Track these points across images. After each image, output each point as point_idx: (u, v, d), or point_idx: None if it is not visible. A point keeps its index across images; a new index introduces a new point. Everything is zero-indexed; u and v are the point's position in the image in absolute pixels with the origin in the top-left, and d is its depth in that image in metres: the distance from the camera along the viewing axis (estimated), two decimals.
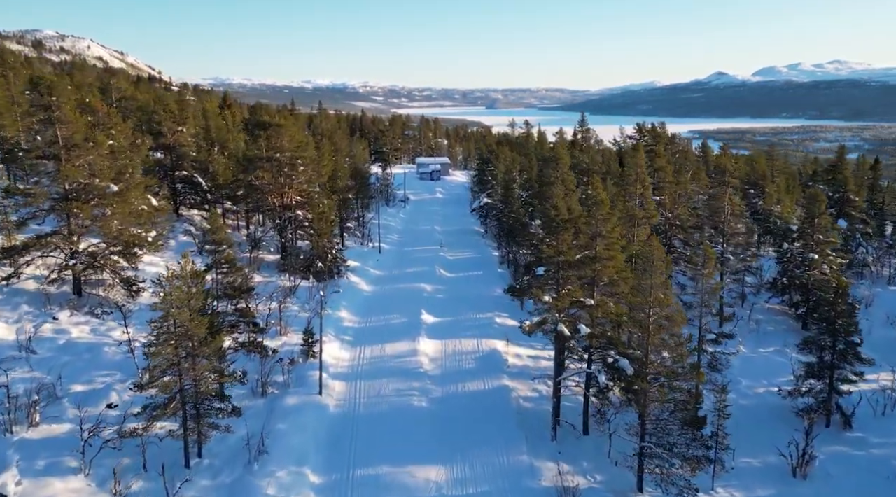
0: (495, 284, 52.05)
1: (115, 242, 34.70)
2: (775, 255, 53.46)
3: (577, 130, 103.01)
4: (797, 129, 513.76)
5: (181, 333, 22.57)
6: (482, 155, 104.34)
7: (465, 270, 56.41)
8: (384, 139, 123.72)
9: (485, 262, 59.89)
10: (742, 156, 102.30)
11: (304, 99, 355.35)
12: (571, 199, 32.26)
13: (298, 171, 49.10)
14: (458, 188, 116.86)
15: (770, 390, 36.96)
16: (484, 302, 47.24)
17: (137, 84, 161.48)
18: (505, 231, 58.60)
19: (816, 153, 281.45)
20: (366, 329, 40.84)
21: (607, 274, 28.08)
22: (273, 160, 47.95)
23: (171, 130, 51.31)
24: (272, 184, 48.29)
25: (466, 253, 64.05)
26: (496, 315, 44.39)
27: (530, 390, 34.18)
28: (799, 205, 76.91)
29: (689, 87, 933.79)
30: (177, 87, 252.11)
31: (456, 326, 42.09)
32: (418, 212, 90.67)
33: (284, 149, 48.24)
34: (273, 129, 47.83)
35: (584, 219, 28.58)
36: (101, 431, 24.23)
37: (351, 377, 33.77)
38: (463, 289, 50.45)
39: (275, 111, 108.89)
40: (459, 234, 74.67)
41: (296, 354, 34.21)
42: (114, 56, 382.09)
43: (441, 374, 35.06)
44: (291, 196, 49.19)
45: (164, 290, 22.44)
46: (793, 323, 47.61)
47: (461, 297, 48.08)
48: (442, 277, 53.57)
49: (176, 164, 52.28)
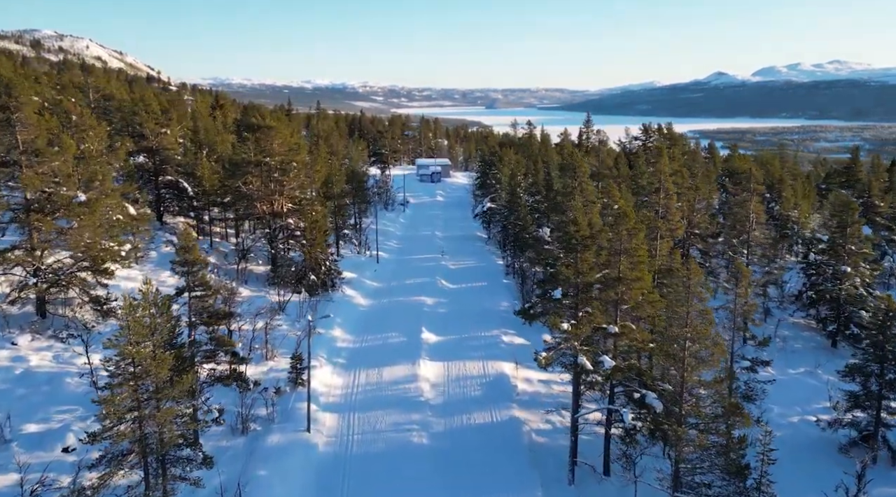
0: (501, 297, 48.74)
1: (84, 257, 31.30)
2: (799, 264, 50.05)
3: (583, 130, 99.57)
4: (797, 129, 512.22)
5: (141, 374, 19.20)
6: (484, 157, 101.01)
7: (468, 281, 53.06)
8: (383, 140, 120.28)
9: (489, 271, 56.53)
10: (752, 157, 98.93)
11: (303, 99, 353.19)
12: (592, 211, 28.89)
13: (290, 176, 45.76)
14: (458, 190, 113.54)
15: (806, 419, 33.60)
16: (489, 317, 43.91)
17: (131, 84, 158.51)
18: (510, 239, 55.31)
19: (817, 153, 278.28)
20: (361, 349, 37.49)
21: (633, 297, 24.74)
22: (262, 165, 44.61)
23: (153, 133, 47.94)
24: (261, 190, 44.94)
25: (469, 261, 60.70)
26: (503, 332, 41.07)
27: (543, 422, 30.83)
28: (815, 209, 73.69)
29: (688, 87, 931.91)
30: (175, 86, 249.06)
31: (459, 346, 38.75)
32: (418, 216, 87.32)
33: (275, 152, 44.90)
34: (262, 132, 44.48)
35: (606, 234, 25.26)
36: (52, 484, 20.88)
37: (344, 408, 30.40)
38: (466, 302, 47.10)
39: (268, 112, 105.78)
40: (461, 240, 71.33)
41: (282, 383, 30.86)
42: (113, 56, 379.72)
43: (444, 402, 31.71)
44: (282, 203, 45.85)
45: (121, 323, 19.10)
46: (821, 340, 44.29)
47: (464, 312, 44.73)
48: (443, 289, 50.23)
49: (159, 168, 48.92)
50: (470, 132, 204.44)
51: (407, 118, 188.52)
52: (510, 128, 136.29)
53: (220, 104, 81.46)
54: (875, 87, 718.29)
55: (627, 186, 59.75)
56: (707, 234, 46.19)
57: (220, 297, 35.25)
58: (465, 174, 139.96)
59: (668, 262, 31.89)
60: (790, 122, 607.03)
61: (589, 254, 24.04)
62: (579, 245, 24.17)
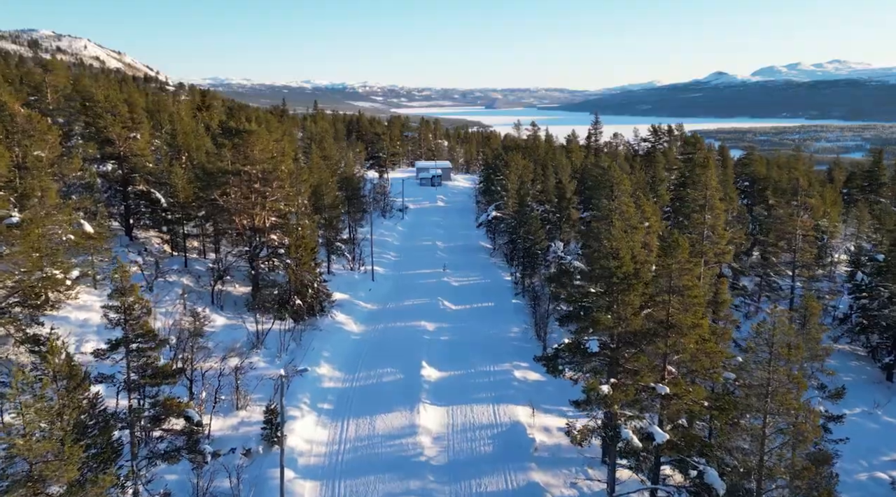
0: (510, 320, 43.55)
1: (16, 289, 26.11)
2: (845, 285, 44.85)
3: (591, 131, 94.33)
4: (798, 129, 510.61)
5: (38, 477, 14.04)
6: (487, 160, 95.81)
7: (473, 301, 47.85)
8: (381, 143, 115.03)
9: (495, 289, 51.29)
10: (767, 160, 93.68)
11: (303, 99, 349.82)
12: (633, 239, 23.60)
13: (273, 186, 40.53)
14: (460, 195, 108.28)
15: (876, 477, 28.52)
16: (498, 346, 38.77)
17: (122, 84, 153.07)
18: (520, 253, 50.17)
19: (819, 153, 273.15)
20: (351, 391, 32.26)
21: (688, 348, 19.56)
22: (241, 174, 39.40)
23: (120, 137, 42.72)
24: (240, 202, 39.73)
25: (473, 277, 55.48)
26: (514, 366, 35.88)
27: (567, 486, 25.60)
28: (843, 218, 68.49)
29: (688, 86, 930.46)
30: (173, 86, 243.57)
31: (465, 384, 33.54)
32: (418, 224, 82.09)
33: (256, 160, 39.68)
34: (242, 137, 39.26)
35: (648, 270, 20.10)
36: None
37: (328, 473, 25.18)
38: (472, 327, 41.90)
39: (263, 113, 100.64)
40: (464, 251, 66.13)
41: (254, 442, 25.69)
42: (111, 56, 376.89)
43: (448, 462, 26.51)
44: (265, 217, 40.65)
45: (9, 407, 13.98)
46: (874, 372, 39.14)
47: (470, 340, 39.57)
48: (446, 311, 45.03)
49: (128, 177, 43.70)
50: (471, 133, 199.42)
51: (406, 119, 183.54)
52: (513, 129, 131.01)
53: (207, 105, 76.19)
54: (875, 86, 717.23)
55: (644, 195, 54.66)
56: (741, 251, 41.00)
57: (186, 331, 30.32)
58: (467, 177, 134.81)
59: (714, 293, 26.70)
60: (790, 121, 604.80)
61: (633, 295, 18.86)
62: (621, 284, 18.98)
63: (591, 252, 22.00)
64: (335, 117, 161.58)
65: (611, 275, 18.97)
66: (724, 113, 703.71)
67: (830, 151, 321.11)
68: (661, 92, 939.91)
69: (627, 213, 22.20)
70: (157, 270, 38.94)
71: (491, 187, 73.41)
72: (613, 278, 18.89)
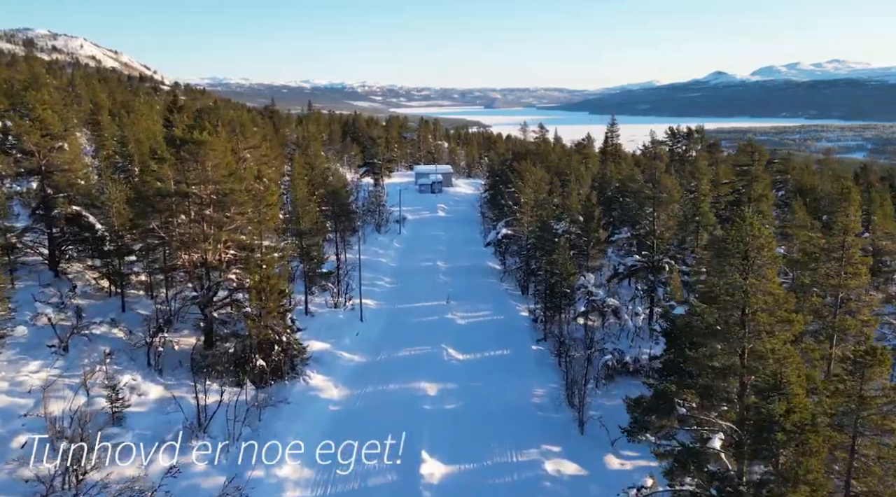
0: (532, 377, 34.69)
1: None
2: None
3: (608, 133, 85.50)
4: (798, 129, 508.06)
5: None
6: (493, 166, 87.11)
7: (485, 347, 38.94)
8: (376, 148, 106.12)
9: (511, 328, 42.40)
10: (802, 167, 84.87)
11: (302, 98, 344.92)
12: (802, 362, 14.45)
13: (231, 211, 31.68)
14: (462, 203, 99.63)
15: None
16: (520, 418, 29.96)
17: (105, 82, 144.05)
18: (540, 286, 41.43)
19: (820, 153, 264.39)
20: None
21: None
22: (189, 197, 30.56)
23: (41, 147, 33.85)
24: (187, 233, 30.88)
25: (483, 310, 46.63)
26: (544, 453, 27.05)
27: None
28: None
29: (687, 86, 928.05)
30: (168, 86, 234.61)
31: (480, 488, 24.69)
32: (417, 238, 73.39)
33: (208, 179, 30.83)
34: (190, 149, 30.37)
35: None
36: None
37: None
38: (485, 389, 32.99)
39: (244, 114, 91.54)
40: (470, 273, 57.40)
41: None
42: (107, 55, 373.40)
43: None
44: (221, 251, 31.80)
45: None
46: None
47: (483, 410, 30.66)
48: (451, 364, 36.18)
49: (51, 198, 34.85)
50: (472, 134, 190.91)
51: (405, 119, 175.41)
52: (519, 131, 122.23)
53: (180, 106, 67.09)
54: (874, 86, 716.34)
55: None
56: None
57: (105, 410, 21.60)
58: (469, 182, 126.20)
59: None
60: (790, 121, 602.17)
61: (815, 460, 10.05)
62: (790, 439, 10.16)
63: (728, 388, 12.99)
64: (331, 118, 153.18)
65: (770, 422, 10.27)
66: (724, 113, 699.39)
67: (833, 152, 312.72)
68: (661, 92, 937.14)
69: (775, 295, 13.65)
70: (78, 322, 30.09)
71: (499, 200, 64.65)
72: (776, 432, 10.19)
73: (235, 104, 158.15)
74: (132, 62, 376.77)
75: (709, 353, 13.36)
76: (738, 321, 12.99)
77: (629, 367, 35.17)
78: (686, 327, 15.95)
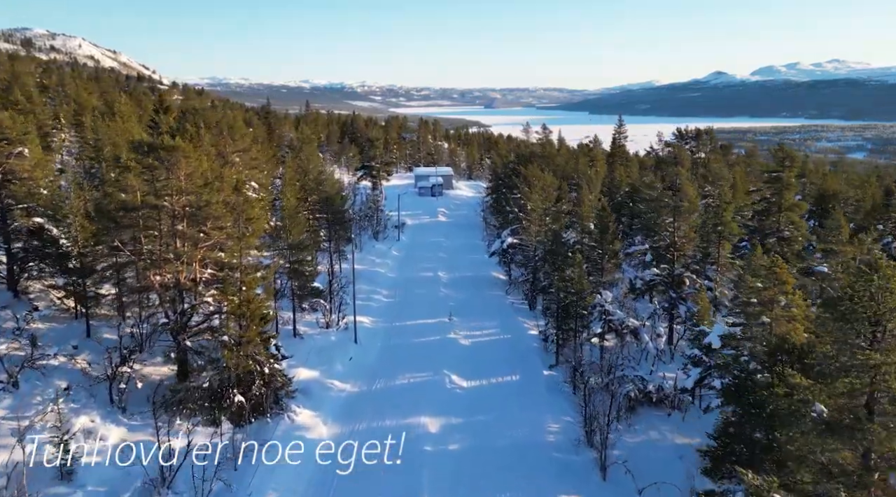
0: (545, 409, 31.06)
1: None
2: None
3: (616, 134, 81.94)
4: (798, 129, 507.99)
5: None
6: (496, 170, 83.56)
7: (492, 372, 35.34)
8: (374, 150, 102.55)
9: (519, 349, 38.83)
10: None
11: (301, 98, 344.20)
12: None
13: (207, 226, 28.11)
14: (463, 207, 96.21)
15: None
16: (534, 461, 26.34)
17: (97, 82, 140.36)
18: (552, 305, 37.89)
19: (820, 153, 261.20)
20: None
21: None
22: (158, 210, 27.00)
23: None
24: (157, 251, 27.32)
25: (488, 327, 43.11)
26: None
27: None
28: None
29: (687, 86, 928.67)
30: (166, 86, 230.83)
31: None
32: (416, 245, 69.92)
33: (181, 190, 27.27)
34: (160, 156, 26.79)
35: None
36: None
37: None
38: (492, 425, 29.36)
39: (236, 114, 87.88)
40: (473, 285, 53.89)
41: None
42: (106, 55, 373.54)
43: None
44: (196, 270, 28.23)
45: None
46: None
47: (492, 452, 27.01)
48: (455, 393, 32.60)
49: (11, 208, 31.29)
50: (472, 134, 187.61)
51: (405, 119, 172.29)
52: (522, 132, 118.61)
53: (166, 107, 63.48)
54: (874, 86, 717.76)
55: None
56: None
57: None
58: (470, 184, 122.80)
59: None
60: (790, 121, 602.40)
61: None
62: None
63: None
64: (330, 118, 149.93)
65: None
66: (724, 112, 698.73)
67: (833, 151, 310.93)
68: (660, 91, 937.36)
69: None
70: (33, 352, 26.51)
71: (504, 206, 61.12)
72: None
73: (234, 104, 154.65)
74: (131, 62, 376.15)
75: (813, 446, 9.96)
76: (864, 412, 9.60)
77: (652, 397, 31.67)
78: (768, 396, 12.44)
